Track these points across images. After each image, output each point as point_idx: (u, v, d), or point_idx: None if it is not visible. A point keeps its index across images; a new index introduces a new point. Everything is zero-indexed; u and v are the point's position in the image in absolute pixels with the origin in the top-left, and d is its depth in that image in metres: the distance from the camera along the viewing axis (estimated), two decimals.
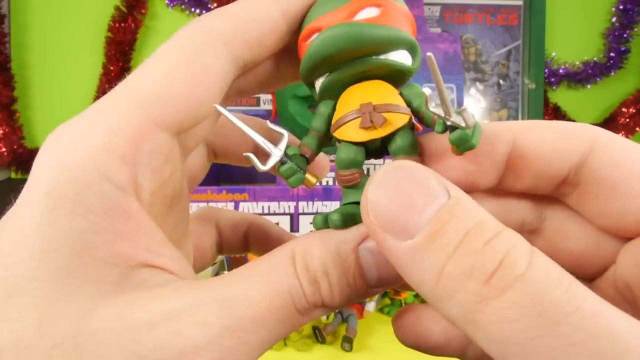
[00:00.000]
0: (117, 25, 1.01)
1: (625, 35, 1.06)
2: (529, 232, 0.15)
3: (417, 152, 0.16)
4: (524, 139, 0.14)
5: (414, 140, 0.16)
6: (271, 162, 0.15)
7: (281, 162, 0.16)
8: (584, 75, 1.08)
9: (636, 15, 1.05)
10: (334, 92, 0.16)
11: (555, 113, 1.08)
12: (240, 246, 0.23)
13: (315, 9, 0.16)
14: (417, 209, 0.11)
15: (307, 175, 0.16)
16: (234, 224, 0.23)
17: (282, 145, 0.16)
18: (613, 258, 0.14)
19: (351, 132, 0.15)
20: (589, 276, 0.15)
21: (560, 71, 1.07)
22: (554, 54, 1.07)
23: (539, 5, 1.02)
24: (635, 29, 1.06)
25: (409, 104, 0.16)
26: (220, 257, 0.52)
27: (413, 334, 0.16)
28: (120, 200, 0.12)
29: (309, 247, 0.14)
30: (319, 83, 0.17)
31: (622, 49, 1.06)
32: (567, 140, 0.14)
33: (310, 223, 0.54)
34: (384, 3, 0.16)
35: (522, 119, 1.04)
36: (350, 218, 0.15)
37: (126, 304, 0.12)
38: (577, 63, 1.08)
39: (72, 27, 1.04)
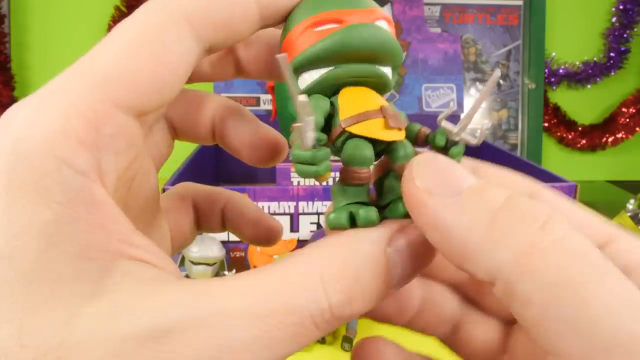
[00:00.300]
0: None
1: (625, 35, 1.06)
2: None
3: None
4: (479, 170, 0.17)
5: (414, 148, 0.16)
6: (311, 141, 0.14)
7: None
8: (584, 75, 1.08)
9: (636, 15, 1.05)
10: (329, 89, 0.16)
11: (555, 113, 1.08)
12: (218, 224, 0.22)
13: (324, 1, 0.16)
14: (459, 176, 0.12)
15: None
16: (211, 200, 0.21)
17: (312, 123, 0.14)
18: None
19: (377, 129, 0.15)
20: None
21: (560, 71, 1.07)
22: (554, 54, 1.07)
23: (539, 5, 1.02)
24: (635, 29, 1.06)
25: None
26: (220, 257, 0.52)
27: None
28: (84, 186, 0.11)
29: (339, 253, 0.13)
30: (309, 75, 0.16)
31: (622, 49, 1.06)
32: (514, 182, 0.16)
33: (312, 223, 0.54)
34: (391, 21, 0.17)
35: (522, 119, 1.04)
36: (381, 216, 0.15)
37: (111, 310, 0.11)
38: (577, 63, 1.08)
39: (72, 27, 1.04)
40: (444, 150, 0.16)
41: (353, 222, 0.15)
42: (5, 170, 0.11)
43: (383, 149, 0.16)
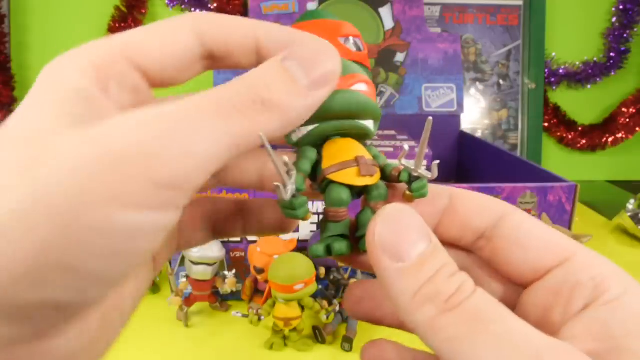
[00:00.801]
0: (117, 25, 1.01)
1: (625, 35, 1.06)
2: None
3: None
4: (458, 197, 0.19)
5: (387, 188, 0.19)
6: (290, 193, 0.17)
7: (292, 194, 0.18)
8: (584, 75, 1.08)
9: (636, 15, 1.05)
10: (316, 141, 0.19)
11: (555, 113, 1.08)
12: (238, 227, 0.22)
13: None
14: (410, 242, 0.16)
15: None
16: (229, 203, 0.22)
17: (294, 177, 0.17)
18: (514, 301, 0.19)
19: (351, 177, 0.18)
20: None
21: (560, 71, 1.07)
22: (554, 54, 1.07)
23: (539, 5, 1.02)
24: (635, 29, 1.06)
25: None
26: (220, 257, 0.52)
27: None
28: (85, 86, 0.16)
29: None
30: (300, 129, 0.19)
31: (622, 49, 1.06)
32: (488, 204, 0.19)
33: (312, 223, 0.54)
34: (370, 82, 0.20)
35: (522, 119, 1.04)
36: (350, 247, 0.19)
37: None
38: (577, 63, 1.08)
39: (72, 27, 1.04)
40: (409, 183, 0.19)
41: (329, 252, 0.19)
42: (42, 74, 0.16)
43: (362, 189, 0.19)
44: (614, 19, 1.06)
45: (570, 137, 1.09)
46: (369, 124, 0.20)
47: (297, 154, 0.20)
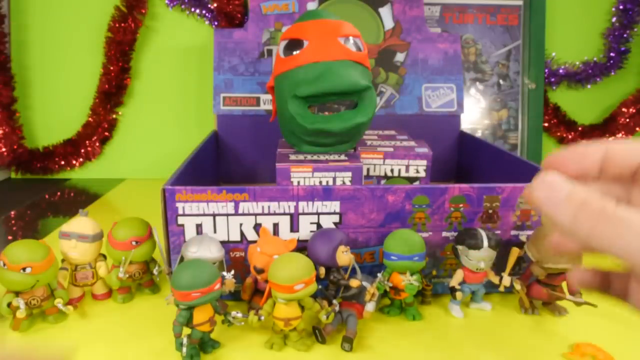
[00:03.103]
0: (117, 25, 1.01)
1: (625, 35, 1.06)
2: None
3: None
4: (611, 146, 0.25)
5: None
6: None
7: None
8: (584, 75, 1.08)
9: (636, 15, 1.05)
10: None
11: (555, 113, 1.08)
12: None
13: None
14: (561, 188, 0.22)
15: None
16: None
17: None
18: None
19: None
20: None
21: (560, 71, 1.07)
22: (554, 54, 1.07)
23: (539, 5, 1.02)
24: (635, 29, 1.06)
25: None
26: (219, 257, 0.52)
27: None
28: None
29: None
30: None
31: (622, 49, 1.06)
32: (636, 146, 0.24)
33: (312, 223, 0.54)
34: None
35: (522, 119, 1.04)
36: None
37: None
38: (577, 63, 1.08)
39: (72, 27, 1.04)
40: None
41: None
42: None
43: None
44: (614, 19, 1.06)
45: (570, 137, 1.08)
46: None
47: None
